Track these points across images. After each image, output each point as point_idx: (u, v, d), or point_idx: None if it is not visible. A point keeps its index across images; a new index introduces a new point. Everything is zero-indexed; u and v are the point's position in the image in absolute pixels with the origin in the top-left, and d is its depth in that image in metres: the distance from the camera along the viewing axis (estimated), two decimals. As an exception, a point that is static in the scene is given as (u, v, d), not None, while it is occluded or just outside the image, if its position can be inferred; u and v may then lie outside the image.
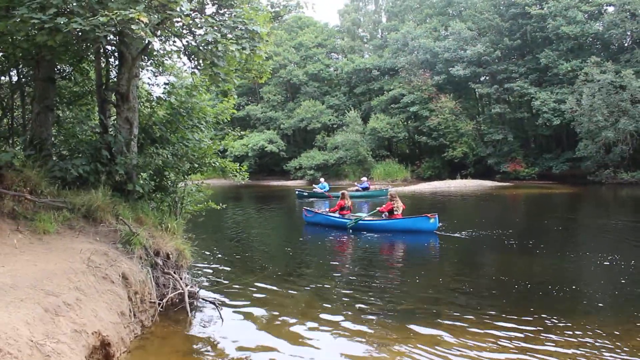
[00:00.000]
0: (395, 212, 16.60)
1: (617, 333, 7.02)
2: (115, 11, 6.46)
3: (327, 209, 19.81)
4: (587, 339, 6.82)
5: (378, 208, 17.40)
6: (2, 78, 12.68)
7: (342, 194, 18.99)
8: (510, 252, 13.01)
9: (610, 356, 6.28)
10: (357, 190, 32.89)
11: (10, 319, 4.43)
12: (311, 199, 31.29)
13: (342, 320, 7.82)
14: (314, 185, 35.17)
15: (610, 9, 41.62)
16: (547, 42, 43.48)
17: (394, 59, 52.69)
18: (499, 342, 6.78)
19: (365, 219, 17.59)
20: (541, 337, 6.95)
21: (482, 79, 48.21)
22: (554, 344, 6.69)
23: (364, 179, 35.92)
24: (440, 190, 36.54)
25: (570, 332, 7.07)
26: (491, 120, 47.05)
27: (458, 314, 8.01)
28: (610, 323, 7.48)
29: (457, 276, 10.76)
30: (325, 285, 10.20)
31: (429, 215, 15.81)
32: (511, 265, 11.84)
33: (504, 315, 7.85)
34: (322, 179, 36.04)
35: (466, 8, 50.92)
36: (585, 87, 36.91)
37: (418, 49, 49.87)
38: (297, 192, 33.94)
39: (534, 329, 7.26)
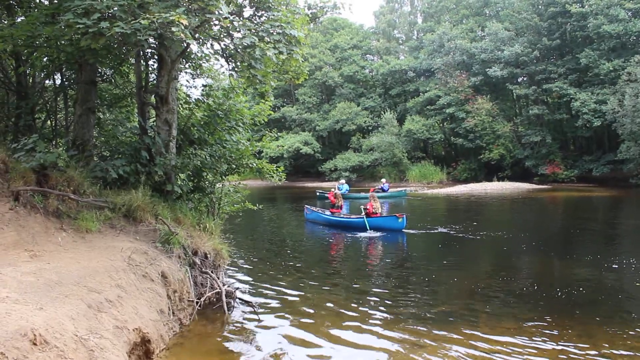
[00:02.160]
0: (374, 212, 18.15)
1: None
2: (156, 14, 6.60)
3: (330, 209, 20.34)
4: (628, 350, 6.69)
5: (362, 207, 18.63)
6: (47, 82, 13.06)
7: (335, 194, 20.54)
8: (549, 256, 12.81)
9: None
10: (377, 191, 33.53)
11: (56, 314, 4.56)
12: (325, 201, 31.44)
13: (377, 321, 7.83)
14: (335, 186, 35.35)
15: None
16: (587, 41, 42.51)
17: (430, 60, 52.36)
18: (538, 347, 6.70)
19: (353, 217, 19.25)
20: (581, 344, 6.84)
21: (519, 79, 47.43)
22: (595, 352, 6.58)
23: (384, 180, 37.56)
24: (477, 192, 36.14)
25: (611, 340, 6.94)
26: (529, 121, 46.23)
27: (494, 318, 7.94)
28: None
29: (492, 279, 10.64)
30: (359, 286, 10.21)
31: (397, 215, 17.34)
32: (550, 269, 11.66)
33: (541, 321, 7.75)
34: (342, 181, 37.44)
35: (503, 8, 50.29)
36: (628, 87, 35.89)
37: (454, 50, 49.41)
38: (317, 193, 34.47)
39: (573, 335, 7.16)
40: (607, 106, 37.47)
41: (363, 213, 18.17)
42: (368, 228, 17.50)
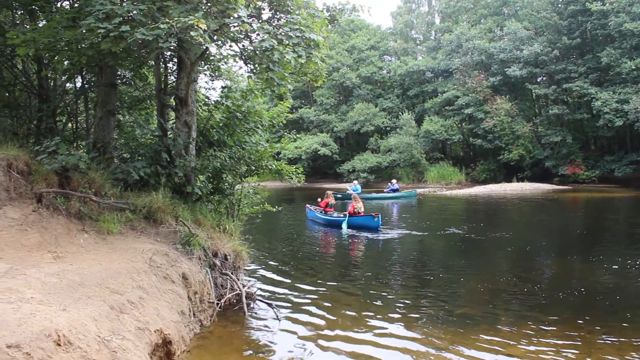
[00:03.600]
0: (357, 212, 19.22)
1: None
2: (176, 19, 6.63)
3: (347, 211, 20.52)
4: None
5: (348, 210, 19.65)
6: (68, 85, 13.21)
7: (327, 193, 21.80)
8: (571, 258, 12.65)
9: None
10: (387, 192, 36.01)
11: (79, 315, 4.60)
12: (345, 201, 31.84)
13: (396, 322, 7.81)
14: (347, 187, 36.10)
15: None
16: (608, 39, 41.88)
17: (448, 60, 52.04)
18: (561, 352, 6.61)
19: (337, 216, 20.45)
20: (606, 350, 6.75)
21: (539, 79, 46.88)
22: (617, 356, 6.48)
23: (394, 181, 38.28)
24: (496, 193, 35.88)
25: (638, 348, 6.81)
26: (549, 121, 45.66)
27: (515, 321, 7.86)
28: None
29: (513, 281, 10.53)
30: (377, 287, 10.19)
31: (373, 214, 18.44)
32: (572, 272, 11.51)
33: (564, 325, 7.66)
34: (355, 182, 38.43)
35: (522, 7, 49.77)
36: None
37: (472, 50, 49.05)
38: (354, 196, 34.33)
39: (597, 341, 7.05)
40: (629, 105, 36.91)
41: (346, 212, 19.62)
42: (346, 227, 18.72)
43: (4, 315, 4.02)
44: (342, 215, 19.84)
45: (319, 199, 22.31)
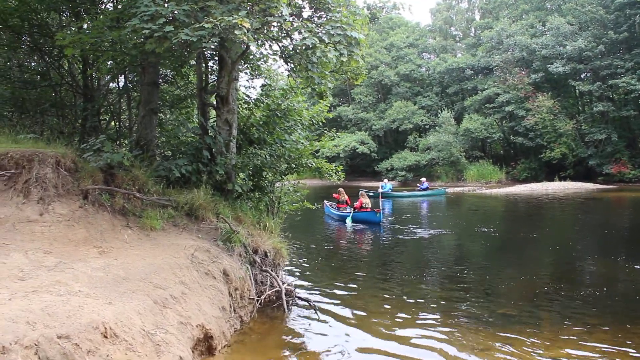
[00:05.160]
0: (364, 207, 20.59)
1: None
2: (219, 18, 6.71)
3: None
4: None
5: (355, 204, 21.04)
6: (111, 84, 13.52)
7: (339, 191, 23.14)
8: (616, 259, 12.30)
9: None
10: (417, 190, 36.82)
11: (125, 309, 4.70)
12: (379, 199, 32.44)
13: (434, 322, 7.75)
14: (379, 185, 36.55)
15: None
16: (658, 34, 40.55)
17: (488, 57, 51.33)
18: (605, 356, 6.46)
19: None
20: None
21: (583, 75, 45.77)
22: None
23: (423, 179, 39.06)
24: (537, 192, 35.23)
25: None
26: (593, 119, 44.50)
27: (558, 323, 7.69)
28: None
29: (554, 282, 10.31)
30: (415, 286, 10.14)
31: (376, 210, 19.72)
32: (617, 273, 11.18)
33: (610, 328, 7.47)
34: (385, 180, 39.28)
35: (566, 2, 48.54)
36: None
37: (513, 47, 48.22)
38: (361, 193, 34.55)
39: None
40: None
41: (351, 208, 21.18)
42: (350, 222, 20.03)
43: (54, 307, 4.15)
44: (349, 212, 20.98)
45: (334, 194, 23.71)
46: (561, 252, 13.56)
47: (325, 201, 23.83)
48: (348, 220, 20.12)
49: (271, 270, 8.35)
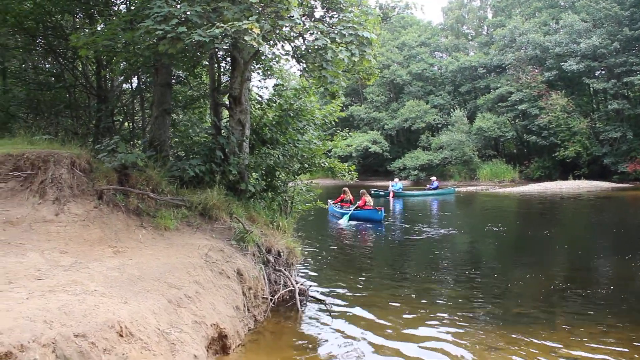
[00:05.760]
0: (366, 205, 20.99)
1: None
2: (230, 22, 6.73)
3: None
4: None
5: (358, 203, 21.30)
6: (124, 85, 13.63)
7: (344, 190, 23.10)
8: (631, 259, 12.16)
9: None
10: (427, 190, 37.10)
11: (140, 308, 4.74)
12: (387, 198, 33.52)
13: (448, 321, 7.71)
14: (390, 184, 36.72)
15: None
16: (675, 31, 39.98)
17: (501, 55, 51.02)
18: (621, 357, 6.40)
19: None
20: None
21: (597, 73, 45.29)
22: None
23: (433, 178, 39.13)
24: (551, 191, 35.00)
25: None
26: (607, 117, 44.09)
27: (573, 323, 7.62)
28: None
29: (569, 282, 10.22)
30: (429, 285, 10.09)
31: (377, 208, 20.31)
32: (632, 273, 11.05)
33: (626, 329, 7.38)
34: (396, 179, 39.24)
35: (579, -1, 48.22)
36: None
37: (526, 45, 47.82)
38: (372, 192, 34.46)
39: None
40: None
41: (353, 206, 21.50)
42: (347, 220, 20.29)
43: (71, 306, 4.19)
44: (350, 210, 21.24)
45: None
46: (575, 252, 13.46)
47: (329, 200, 23.76)
48: (345, 218, 20.45)
49: (284, 269, 8.37)
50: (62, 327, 3.83)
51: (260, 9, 7.43)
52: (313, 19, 8.85)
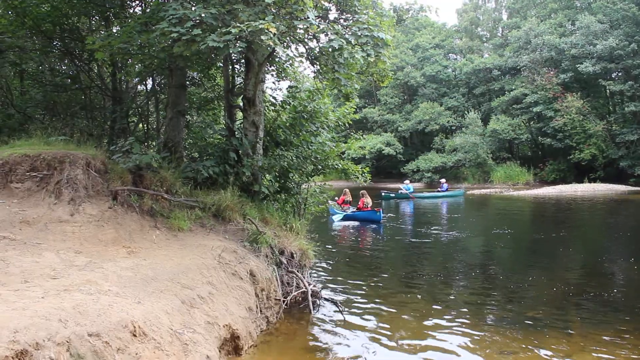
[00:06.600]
0: (365, 206, 21.53)
1: None
2: (246, 23, 6.76)
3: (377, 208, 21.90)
4: None
5: (358, 204, 21.83)
6: (139, 87, 13.72)
7: (345, 191, 23.52)
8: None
9: None
10: (438, 192, 37.55)
11: (153, 308, 4.77)
12: (398, 200, 33.88)
13: (461, 325, 7.67)
14: (401, 186, 36.62)
15: None
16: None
17: (516, 57, 50.61)
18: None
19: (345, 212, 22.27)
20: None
21: (613, 75, 44.87)
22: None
23: (443, 180, 39.47)
24: (565, 194, 34.73)
25: None
26: (624, 119, 43.55)
27: (588, 327, 7.55)
28: None
29: (584, 286, 10.12)
30: (441, 288, 10.07)
31: (376, 209, 20.71)
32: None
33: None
34: (407, 181, 38.89)
35: (596, 0, 47.76)
36: None
37: (542, 46, 47.41)
38: (383, 194, 34.76)
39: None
40: None
41: (353, 208, 22.23)
42: (338, 219, 21.06)
43: (85, 305, 4.23)
44: (347, 212, 21.91)
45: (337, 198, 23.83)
46: (590, 255, 13.34)
47: (329, 201, 23.79)
48: (337, 216, 21.26)
49: (297, 271, 8.37)
50: (77, 326, 3.87)
51: (275, 10, 7.46)
52: (327, 21, 8.86)
